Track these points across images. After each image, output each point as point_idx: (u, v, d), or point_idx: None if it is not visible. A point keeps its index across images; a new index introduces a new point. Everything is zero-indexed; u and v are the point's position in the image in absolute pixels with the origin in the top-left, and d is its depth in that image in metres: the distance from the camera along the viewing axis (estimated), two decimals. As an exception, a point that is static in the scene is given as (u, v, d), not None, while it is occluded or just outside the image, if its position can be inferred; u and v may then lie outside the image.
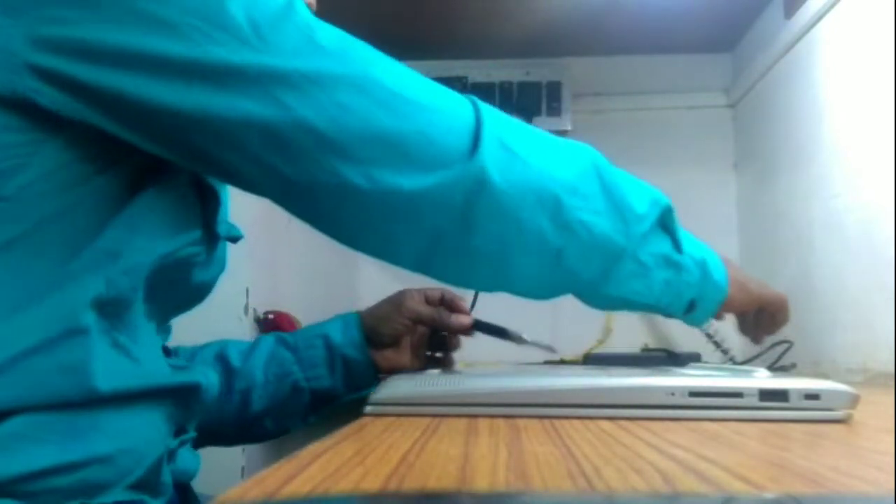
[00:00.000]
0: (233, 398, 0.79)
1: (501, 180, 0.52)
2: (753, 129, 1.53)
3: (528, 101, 1.59)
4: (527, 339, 0.93)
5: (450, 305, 0.92)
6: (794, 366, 1.20)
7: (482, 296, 1.58)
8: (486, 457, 0.32)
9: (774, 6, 1.38)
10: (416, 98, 0.52)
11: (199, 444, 0.66)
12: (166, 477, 0.54)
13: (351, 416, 0.47)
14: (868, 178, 1.05)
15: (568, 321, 1.60)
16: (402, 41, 1.59)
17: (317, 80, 0.47)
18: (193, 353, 0.81)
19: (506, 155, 0.53)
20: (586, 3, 1.39)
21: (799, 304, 1.29)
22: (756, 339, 0.85)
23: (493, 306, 1.59)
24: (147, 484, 0.51)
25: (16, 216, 0.45)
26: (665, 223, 0.65)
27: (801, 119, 1.28)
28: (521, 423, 0.44)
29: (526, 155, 0.55)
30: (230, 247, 0.75)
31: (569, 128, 1.60)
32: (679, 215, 1.76)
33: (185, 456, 0.59)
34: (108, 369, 0.46)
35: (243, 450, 1.37)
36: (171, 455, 0.56)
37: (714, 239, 1.71)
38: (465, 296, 1.61)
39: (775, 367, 1.17)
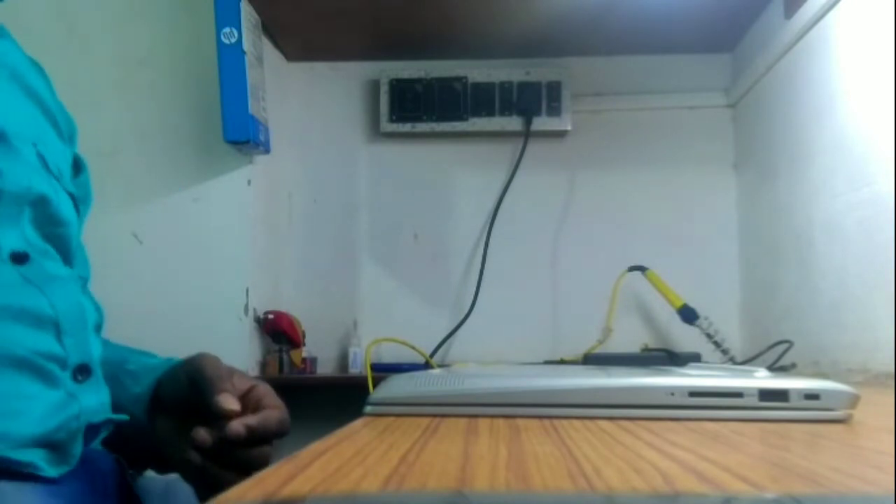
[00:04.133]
0: None
1: None
2: (753, 129, 1.53)
3: (528, 101, 1.59)
4: None
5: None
6: (794, 366, 1.20)
7: (483, 293, 1.59)
8: (485, 457, 0.32)
9: (774, 6, 1.38)
10: None
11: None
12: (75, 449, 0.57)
13: (351, 416, 0.47)
14: (868, 178, 1.05)
15: (568, 321, 1.61)
16: (402, 41, 1.59)
17: None
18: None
19: None
20: (586, 3, 1.39)
21: (799, 303, 1.29)
22: None
23: (494, 305, 1.59)
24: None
25: None
26: None
27: (801, 119, 1.28)
28: (521, 423, 0.44)
29: None
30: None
31: (569, 128, 1.60)
32: (679, 215, 1.77)
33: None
34: None
35: (243, 450, 1.37)
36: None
37: (714, 239, 1.73)
38: (468, 289, 1.61)
39: (775, 367, 1.17)
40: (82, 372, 0.61)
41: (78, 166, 0.78)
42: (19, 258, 0.60)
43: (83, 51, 1.45)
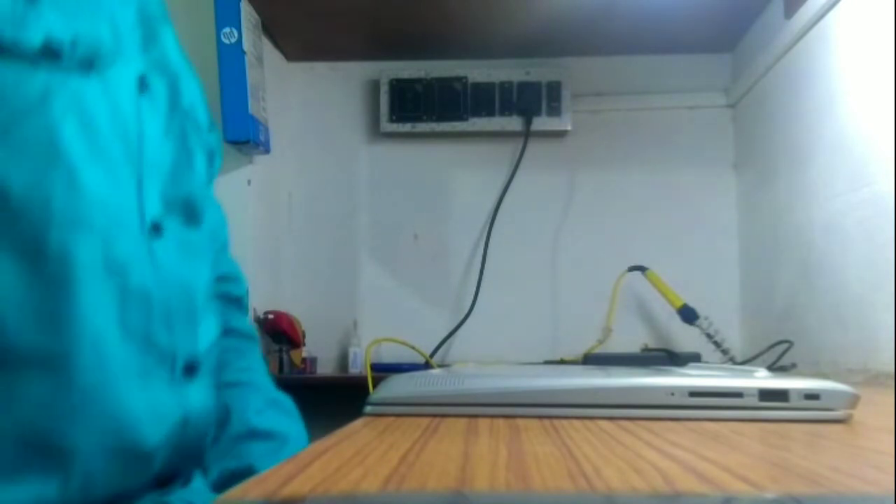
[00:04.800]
0: None
1: None
2: (753, 129, 1.53)
3: (528, 101, 1.59)
4: None
5: None
6: (794, 366, 1.20)
7: (483, 293, 1.59)
8: (486, 457, 0.32)
9: (774, 6, 1.38)
10: None
11: None
12: None
13: (351, 416, 0.47)
14: (868, 178, 1.05)
15: (568, 321, 1.61)
16: (402, 41, 1.59)
17: None
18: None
19: None
20: (586, 3, 1.39)
21: (799, 303, 1.29)
22: None
23: (494, 305, 1.59)
24: None
25: None
26: None
27: (800, 119, 1.28)
28: (521, 423, 0.44)
29: None
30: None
31: (569, 128, 1.60)
32: (679, 215, 1.76)
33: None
34: None
35: (243, 450, 1.37)
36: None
37: (714, 239, 1.73)
38: (468, 288, 1.61)
39: (775, 367, 1.17)
40: (190, 370, 0.55)
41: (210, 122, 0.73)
42: (157, 228, 0.54)
43: (83, 51, 1.44)
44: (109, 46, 0.52)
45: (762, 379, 0.48)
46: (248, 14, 1.34)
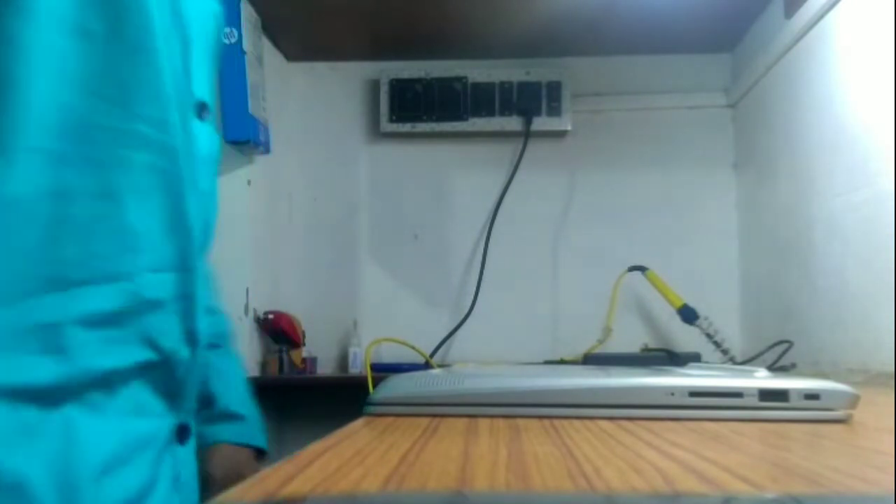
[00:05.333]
0: None
1: None
2: (753, 129, 1.53)
3: (528, 101, 1.59)
4: None
5: None
6: (794, 366, 1.20)
7: (482, 293, 1.59)
8: (486, 457, 0.32)
9: (774, 6, 1.38)
10: None
11: None
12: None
13: (351, 416, 0.47)
14: (868, 178, 1.05)
15: (568, 321, 1.61)
16: (402, 41, 1.59)
17: None
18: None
19: None
20: (586, 3, 1.39)
21: (799, 303, 1.29)
22: None
23: (494, 305, 1.59)
24: None
25: None
26: None
27: (800, 119, 1.28)
28: (521, 423, 0.44)
29: None
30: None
31: (569, 128, 1.60)
32: (679, 215, 1.76)
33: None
34: None
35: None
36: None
37: (714, 239, 1.72)
38: (468, 288, 1.61)
39: (775, 367, 1.17)
40: (202, 108, 0.56)
41: None
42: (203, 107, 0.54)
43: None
44: None
45: (762, 379, 0.48)
46: (248, 14, 1.34)
